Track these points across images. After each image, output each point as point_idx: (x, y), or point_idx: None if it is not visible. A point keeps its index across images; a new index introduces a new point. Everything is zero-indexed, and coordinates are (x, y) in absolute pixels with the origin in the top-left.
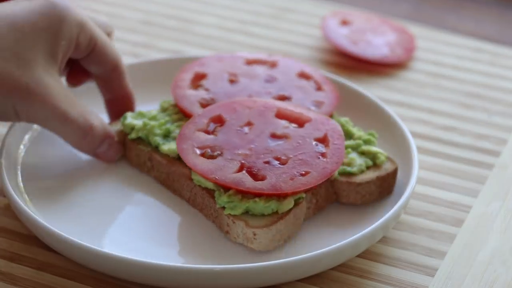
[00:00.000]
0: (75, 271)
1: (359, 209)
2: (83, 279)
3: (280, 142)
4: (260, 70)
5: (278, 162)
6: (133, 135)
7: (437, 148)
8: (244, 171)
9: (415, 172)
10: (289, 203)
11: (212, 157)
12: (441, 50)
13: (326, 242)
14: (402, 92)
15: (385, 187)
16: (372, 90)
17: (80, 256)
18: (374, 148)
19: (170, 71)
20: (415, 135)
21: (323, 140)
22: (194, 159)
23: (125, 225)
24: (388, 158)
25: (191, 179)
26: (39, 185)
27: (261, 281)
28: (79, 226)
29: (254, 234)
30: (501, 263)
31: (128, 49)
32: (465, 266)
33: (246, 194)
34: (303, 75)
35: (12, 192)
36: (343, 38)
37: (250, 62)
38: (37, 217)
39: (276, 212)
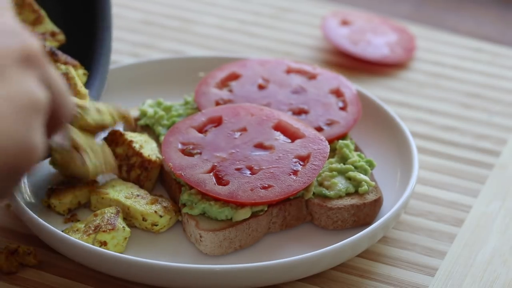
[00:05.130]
0: (75, 270)
1: (332, 232)
2: (84, 278)
3: (262, 152)
4: (296, 80)
5: (249, 172)
6: (142, 122)
7: (437, 148)
8: (211, 174)
9: (415, 172)
10: (245, 213)
11: (190, 154)
12: (441, 50)
13: (284, 256)
14: (402, 92)
15: (361, 217)
16: (372, 90)
17: (81, 256)
18: (360, 176)
19: (171, 71)
20: (415, 135)
21: (303, 159)
22: (171, 152)
23: None
24: (375, 188)
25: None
26: (39, 185)
27: (261, 281)
28: None
29: (201, 236)
30: (501, 263)
31: (128, 49)
32: (465, 266)
33: (206, 196)
34: (336, 92)
35: (13, 192)
36: (343, 38)
37: (290, 71)
38: (37, 217)
39: (230, 219)
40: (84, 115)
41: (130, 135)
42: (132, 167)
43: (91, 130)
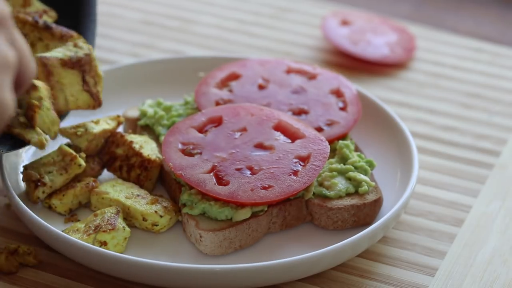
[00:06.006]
0: (75, 270)
1: (332, 232)
2: (83, 278)
3: (262, 153)
4: (296, 80)
5: (250, 172)
6: (142, 122)
7: (437, 148)
8: (211, 174)
9: (415, 172)
10: (245, 213)
11: (190, 154)
12: (441, 50)
13: (284, 256)
14: (402, 92)
15: (361, 217)
16: (372, 90)
17: (80, 256)
18: (360, 176)
19: (171, 71)
20: (415, 135)
21: (304, 159)
22: (171, 153)
23: None
24: (375, 188)
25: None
26: None
27: (261, 281)
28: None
29: (201, 236)
30: (501, 263)
31: (128, 49)
32: (465, 266)
33: (206, 196)
34: (336, 92)
35: (13, 192)
36: (343, 38)
37: (290, 71)
38: (37, 217)
39: (230, 219)
40: (88, 129)
41: (130, 136)
42: (132, 167)
43: (98, 140)
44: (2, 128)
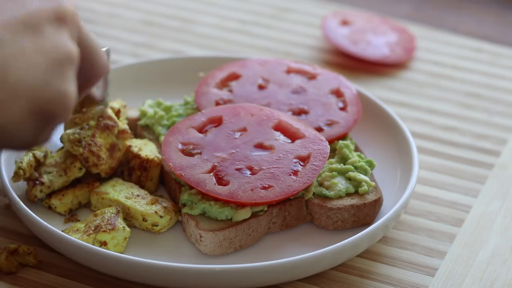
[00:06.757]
0: (75, 270)
1: (332, 232)
2: (84, 278)
3: (262, 153)
4: (296, 80)
5: (250, 172)
6: (142, 122)
7: (437, 148)
8: (211, 174)
9: (415, 172)
10: (245, 213)
11: (190, 154)
12: (441, 50)
13: (284, 256)
14: (402, 92)
15: (361, 217)
16: (372, 90)
17: (80, 256)
18: (360, 176)
19: (171, 71)
20: (415, 135)
21: (303, 159)
22: (171, 152)
23: None
24: (375, 188)
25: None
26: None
27: (261, 281)
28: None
29: (201, 236)
30: (501, 263)
31: (128, 49)
32: (465, 266)
33: (206, 196)
34: (336, 92)
35: (12, 192)
36: (343, 38)
37: (290, 71)
38: (37, 217)
39: (230, 219)
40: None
41: (129, 141)
42: (133, 170)
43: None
44: (67, 119)
